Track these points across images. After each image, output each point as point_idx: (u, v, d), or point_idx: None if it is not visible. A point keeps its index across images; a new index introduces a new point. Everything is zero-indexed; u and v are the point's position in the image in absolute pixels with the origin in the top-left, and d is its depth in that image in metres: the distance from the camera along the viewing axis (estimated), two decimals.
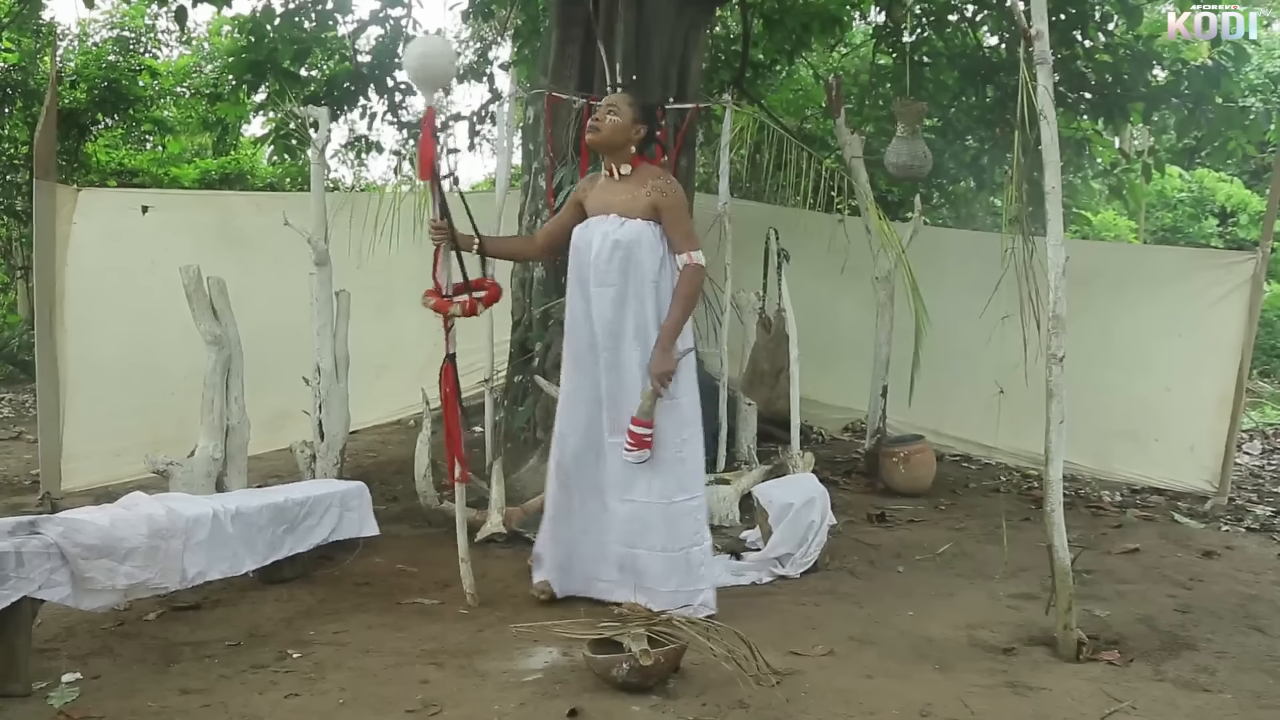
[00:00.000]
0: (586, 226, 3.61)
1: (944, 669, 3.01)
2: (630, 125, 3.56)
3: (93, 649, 3.12)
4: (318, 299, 4.52)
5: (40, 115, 5.17)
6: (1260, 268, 5.61)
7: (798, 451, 5.11)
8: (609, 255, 3.50)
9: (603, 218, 3.56)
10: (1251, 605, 3.74)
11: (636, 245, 3.50)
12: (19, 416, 8.33)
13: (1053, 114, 3.07)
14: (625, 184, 3.58)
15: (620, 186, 3.58)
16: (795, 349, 5.18)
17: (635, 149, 3.61)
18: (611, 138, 3.55)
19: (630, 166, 3.59)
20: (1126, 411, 6.06)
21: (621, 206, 3.54)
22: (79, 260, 5.06)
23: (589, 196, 3.67)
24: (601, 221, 3.56)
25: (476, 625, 3.38)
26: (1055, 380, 3.08)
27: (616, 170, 3.61)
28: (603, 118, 3.56)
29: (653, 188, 3.53)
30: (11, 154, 11.14)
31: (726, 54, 9.54)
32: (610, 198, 3.58)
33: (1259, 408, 9.60)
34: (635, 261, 3.50)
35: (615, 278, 3.50)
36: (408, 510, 4.88)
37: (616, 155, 3.59)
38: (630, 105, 3.61)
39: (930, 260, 6.21)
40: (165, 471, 4.10)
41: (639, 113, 3.60)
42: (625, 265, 3.50)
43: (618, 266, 3.50)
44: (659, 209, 3.52)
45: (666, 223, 3.53)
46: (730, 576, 3.95)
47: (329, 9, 7.76)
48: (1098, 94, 7.14)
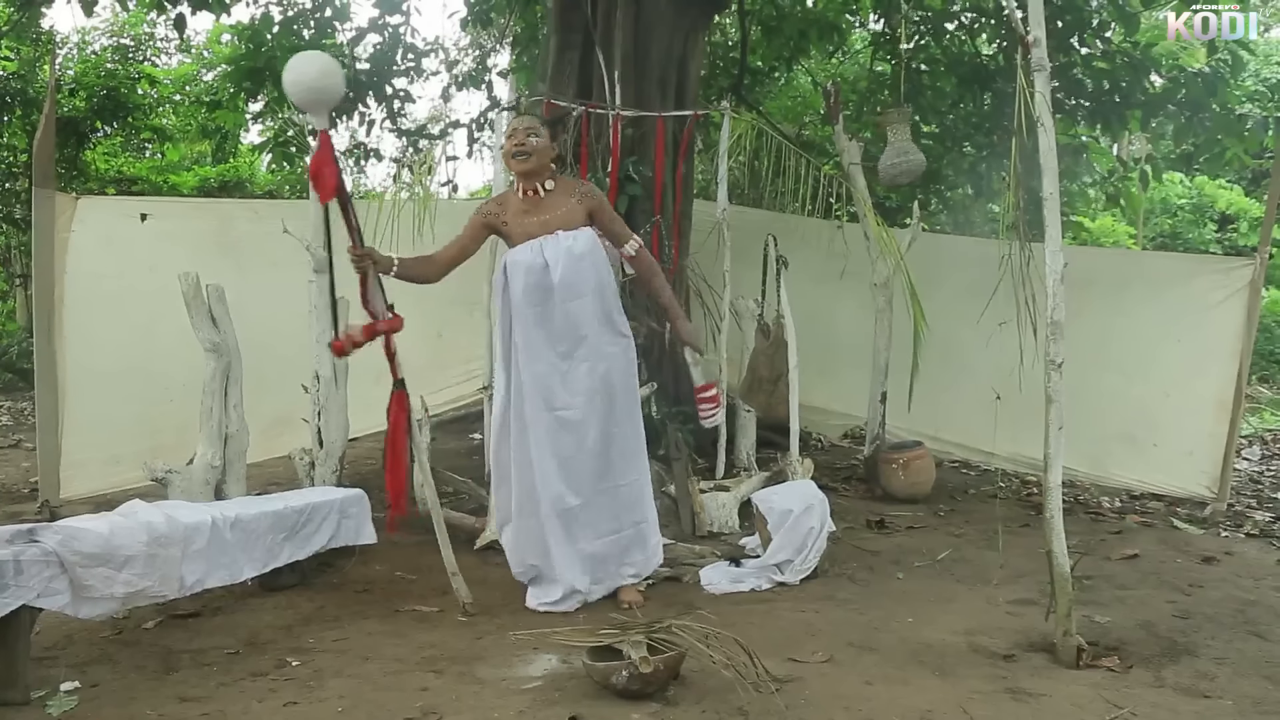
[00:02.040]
0: (531, 250, 3.67)
1: (944, 675, 3.00)
2: (549, 144, 3.74)
3: (91, 657, 3.12)
4: (317, 306, 4.52)
5: (39, 123, 5.18)
6: (1259, 273, 5.62)
7: (797, 458, 5.11)
8: (576, 269, 3.64)
9: (548, 237, 3.66)
10: (1251, 611, 3.74)
11: (593, 252, 3.70)
12: (18, 424, 8.32)
13: (1050, 121, 3.08)
14: (551, 200, 3.71)
15: (548, 204, 3.71)
16: (794, 355, 5.19)
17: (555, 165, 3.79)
18: (541, 160, 3.69)
19: (552, 182, 3.74)
20: (1125, 417, 6.06)
21: (562, 222, 3.69)
22: (78, 268, 5.07)
23: (508, 221, 3.73)
24: (551, 240, 3.66)
25: (476, 632, 3.37)
26: (1054, 386, 3.08)
27: (541, 188, 3.71)
28: (525, 141, 3.66)
29: (581, 195, 3.75)
30: (10, 162, 11.16)
31: (725, 61, 9.57)
32: (544, 217, 3.70)
33: (1258, 413, 9.61)
34: (596, 267, 3.69)
35: (586, 287, 3.66)
36: (406, 517, 4.87)
37: (541, 175, 3.71)
38: (545, 125, 3.80)
39: (929, 266, 6.21)
40: (164, 479, 4.09)
41: (550, 129, 3.81)
42: (591, 273, 3.67)
43: (587, 274, 3.66)
44: (593, 212, 3.74)
45: (602, 221, 3.76)
46: (729, 583, 3.96)
47: (328, 17, 7.78)
48: (1095, 101, 7.16)
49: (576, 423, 3.68)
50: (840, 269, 6.09)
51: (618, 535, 3.74)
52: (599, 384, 3.69)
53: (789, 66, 9.62)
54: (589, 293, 3.66)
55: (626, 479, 3.77)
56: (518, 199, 3.74)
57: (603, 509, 3.73)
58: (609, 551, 3.74)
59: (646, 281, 3.89)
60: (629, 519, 3.77)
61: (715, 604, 3.70)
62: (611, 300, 3.75)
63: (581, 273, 3.64)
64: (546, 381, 3.67)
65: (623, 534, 3.76)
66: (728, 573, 4.05)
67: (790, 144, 5.76)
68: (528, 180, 3.69)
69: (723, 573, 4.05)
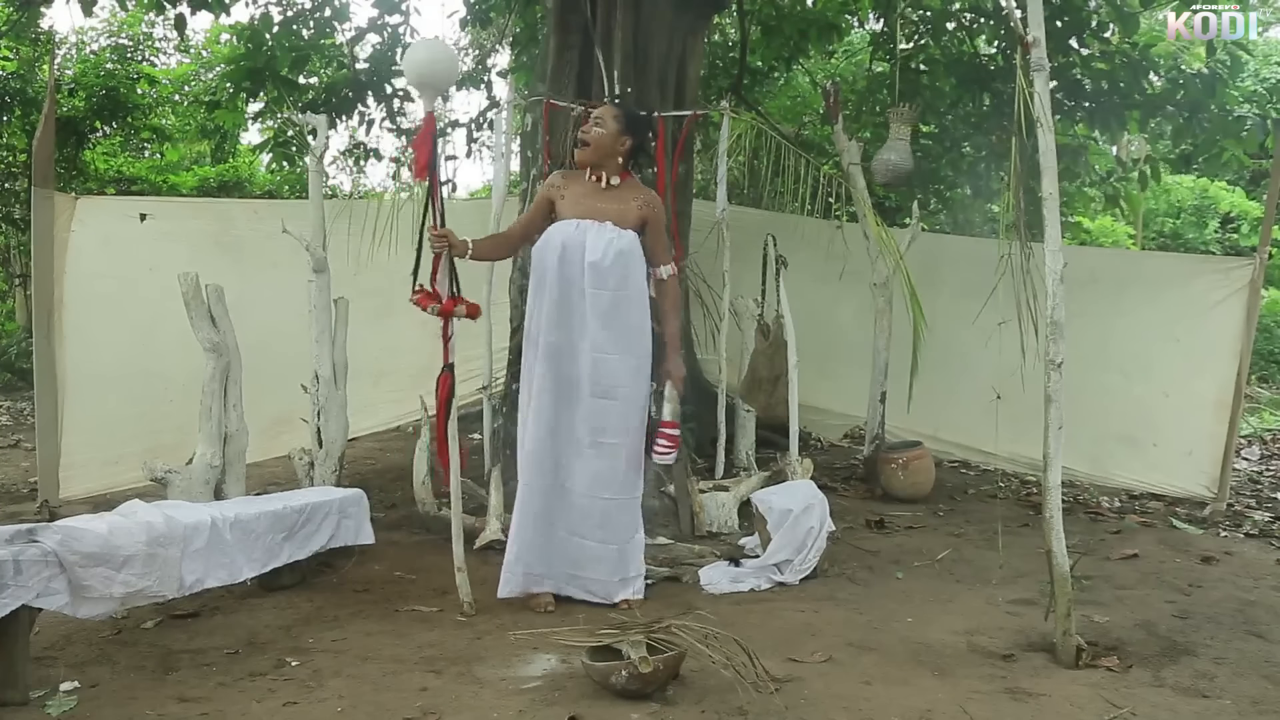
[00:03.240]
0: (576, 227, 3.64)
1: (943, 675, 3.01)
2: (616, 137, 3.70)
3: (90, 657, 3.12)
4: (316, 306, 4.52)
5: (39, 123, 5.18)
6: (1258, 273, 5.62)
7: (796, 458, 5.11)
8: (612, 261, 3.60)
9: (596, 223, 3.64)
10: (1250, 611, 3.74)
11: (633, 255, 3.66)
12: (17, 424, 8.31)
13: (1050, 121, 3.08)
14: (614, 194, 3.70)
15: (609, 195, 3.70)
16: (794, 355, 5.19)
17: (622, 161, 3.74)
18: (598, 150, 3.68)
19: (619, 178, 3.73)
20: (1125, 417, 6.06)
21: (615, 215, 3.66)
22: (77, 268, 5.07)
23: (565, 196, 3.71)
24: (597, 227, 3.63)
25: (475, 632, 3.37)
26: (1053, 386, 3.08)
27: (606, 179, 3.71)
28: (589, 130, 3.69)
29: (643, 202, 3.72)
30: (10, 162, 11.15)
31: (724, 60, 9.57)
32: (600, 204, 3.67)
33: (1257, 413, 9.61)
34: (632, 271, 3.65)
35: (614, 283, 3.61)
36: (406, 517, 4.88)
37: (606, 166, 3.71)
38: (615, 118, 3.73)
39: (928, 266, 6.22)
40: (163, 479, 4.09)
41: (625, 125, 3.72)
42: (624, 273, 3.62)
43: (619, 273, 3.61)
44: (647, 222, 3.72)
45: (651, 236, 3.74)
46: (729, 583, 3.96)
47: (327, 16, 7.78)
48: (1094, 101, 7.16)
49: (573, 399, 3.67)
50: (840, 269, 6.09)
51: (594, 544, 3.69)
52: (582, 392, 3.65)
53: (788, 66, 9.61)
54: (614, 289, 3.61)
55: (614, 495, 3.71)
56: (583, 179, 3.74)
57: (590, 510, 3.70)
58: (589, 556, 3.70)
59: (661, 309, 3.86)
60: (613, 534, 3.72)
61: (715, 604, 3.69)
62: (633, 312, 3.67)
63: (615, 267, 3.60)
64: (557, 353, 3.65)
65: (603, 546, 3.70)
66: (727, 573, 4.05)
67: (789, 144, 5.75)
68: (597, 169, 3.71)
69: (722, 573, 4.05)
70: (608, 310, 3.61)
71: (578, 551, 3.70)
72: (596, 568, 3.70)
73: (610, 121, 3.70)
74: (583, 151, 3.69)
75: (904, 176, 6.04)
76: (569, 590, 3.72)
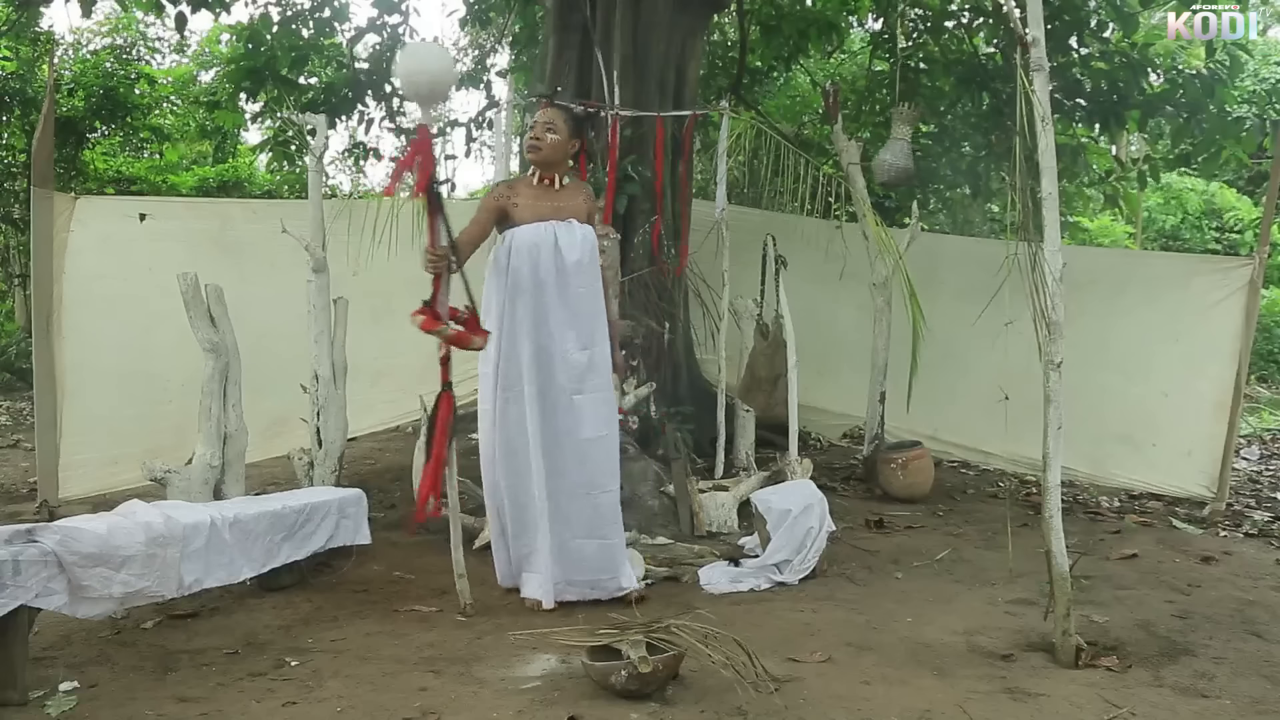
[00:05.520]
0: (544, 229, 3.68)
1: (942, 675, 3.01)
2: (568, 140, 3.78)
3: (90, 657, 3.12)
4: (315, 306, 4.52)
5: (38, 123, 5.17)
6: (1257, 273, 5.62)
7: (796, 458, 5.11)
8: (589, 257, 3.71)
9: (561, 223, 3.70)
10: (1250, 611, 3.74)
11: (596, 249, 3.79)
12: (16, 424, 8.31)
13: (1050, 120, 3.08)
14: (566, 193, 3.79)
15: (563, 195, 3.78)
16: (793, 355, 5.19)
17: (572, 163, 3.89)
18: (552, 154, 3.74)
19: (568, 179, 3.84)
20: (1124, 417, 6.06)
21: (575, 213, 3.75)
22: (76, 268, 5.07)
23: (519, 203, 3.73)
24: (565, 226, 3.70)
25: (474, 632, 3.37)
26: (1053, 386, 3.08)
27: (558, 180, 3.78)
28: (541, 135, 3.73)
29: (586, 195, 3.88)
30: (9, 162, 11.15)
31: (724, 60, 9.57)
32: (559, 204, 3.74)
33: (1257, 413, 9.61)
34: (596, 263, 3.79)
35: (589, 278, 3.73)
36: (405, 517, 4.87)
37: (558, 168, 3.80)
38: (565, 121, 3.80)
39: (927, 266, 6.22)
40: (163, 479, 4.09)
41: (573, 127, 3.81)
42: (594, 267, 3.75)
43: (592, 268, 3.74)
44: (592, 216, 3.84)
45: (593, 225, 3.86)
46: (729, 583, 3.96)
47: (327, 16, 7.77)
48: (1093, 101, 7.16)
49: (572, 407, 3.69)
50: (839, 269, 6.09)
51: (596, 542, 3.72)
52: (558, 391, 3.70)
53: (788, 66, 9.61)
54: (591, 284, 3.73)
55: (607, 487, 3.76)
56: (531, 184, 3.77)
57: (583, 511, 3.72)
58: (583, 556, 3.71)
59: (604, 279, 3.94)
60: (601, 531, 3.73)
61: (714, 604, 3.69)
62: (601, 300, 3.79)
63: (590, 264, 3.72)
64: (540, 356, 3.67)
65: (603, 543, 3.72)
66: (727, 572, 4.05)
67: (789, 144, 5.75)
68: (543, 170, 3.76)
69: (722, 572, 4.05)
70: (584, 306, 3.71)
71: (577, 553, 3.70)
72: (596, 565, 3.70)
73: (561, 125, 3.76)
74: (537, 155, 3.74)
75: (904, 176, 6.04)
76: (569, 595, 3.71)
